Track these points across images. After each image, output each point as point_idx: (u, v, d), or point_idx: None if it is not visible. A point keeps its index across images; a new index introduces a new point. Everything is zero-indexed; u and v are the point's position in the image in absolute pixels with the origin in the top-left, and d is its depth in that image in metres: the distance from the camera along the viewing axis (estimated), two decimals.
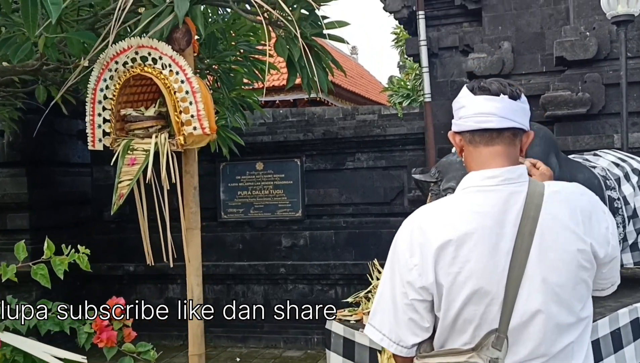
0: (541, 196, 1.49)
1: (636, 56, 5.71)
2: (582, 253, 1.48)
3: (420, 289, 1.49)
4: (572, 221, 1.49)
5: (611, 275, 1.63)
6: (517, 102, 1.53)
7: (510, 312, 1.44)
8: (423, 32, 6.00)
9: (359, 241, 7.37)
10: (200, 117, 2.82)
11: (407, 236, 1.54)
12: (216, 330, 7.60)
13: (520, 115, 1.53)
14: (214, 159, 7.59)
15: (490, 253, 1.45)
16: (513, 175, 1.51)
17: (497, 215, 1.47)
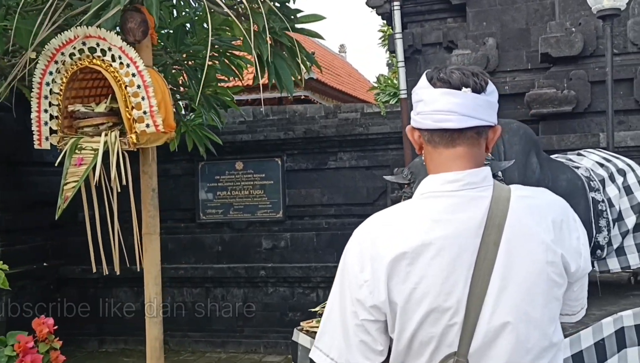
0: (507, 201, 1.31)
1: (622, 53, 5.55)
2: (552, 265, 1.29)
3: (372, 308, 1.31)
4: (541, 230, 1.30)
5: (582, 295, 1.47)
6: (482, 95, 1.33)
7: (471, 333, 1.26)
8: (398, 25, 5.81)
9: (342, 242, 7.05)
10: (154, 113, 2.62)
11: (357, 248, 1.37)
12: (194, 334, 7.41)
13: (484, 110, 1.33)
14: (192, 158, 7.38)
15: (450, 266, 1.27)
16: (476, 179, 1.34)
17: (457, 224, 1.29)
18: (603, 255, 3.26)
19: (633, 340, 2.88)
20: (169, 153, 6.12)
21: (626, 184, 3.36)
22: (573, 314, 1.50)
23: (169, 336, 7.32)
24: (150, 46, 2.99)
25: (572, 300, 1.44)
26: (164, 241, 7.36)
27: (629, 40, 5.56)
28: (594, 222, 3.19)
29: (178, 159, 7.42)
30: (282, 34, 3.92)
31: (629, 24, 5.52)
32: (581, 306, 1.50)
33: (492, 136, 1.38)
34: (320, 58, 13.97)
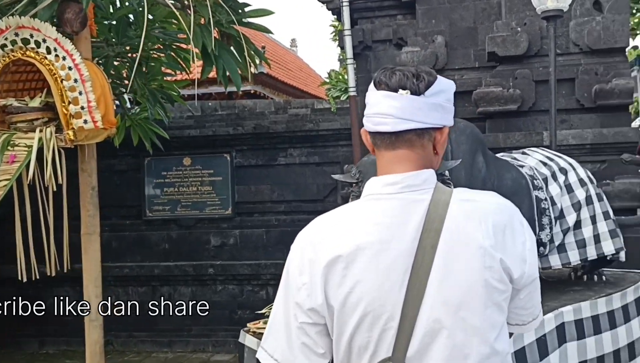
0: (446, 205, 1.29)
1: (565, 53, 5.69)
2: (490, 271, 1.26)
3: (309, 311, 1.30)
4: (480, 234, 1.27)
5: (531, 304, 1.41)
6: (421, 98, 1.31)
7: (408, 339, 1.25)
8: (347, 22, 5.79)
9: (292, 239, 6.98)
10: (92, 109, 2.51)
11: (298, 251, 1.37)
12: (140, 334, 7.24)
13: (423, 113, 1.31)
14: (138, 154, 7.19)
15: (386, 270, 1.26)
16: (415, 181, 1.32)
17: (395, 227, 1.28)
18: (545, 252, 3.32)
19: (572, 335, 2.94)
20: (113, 148, 5.94)
21: (567, 182, 3.43)
22: (523, 324, 1.45)
23: (114, 336, 7.12)
24: (89, 38, 2.88)
25: (520, 308, 1.40)
26: (108, 239, 7.16)
27: (571, 41, 5.70)
28: (537, 220, 3.24)
29: (123, 154, 7.21)
30: (228, 27, 3.84)
31: (571, 25, 5.66)
32: (532, 316, 1.44)
33: (439, 137, 1.36)
34: (271, 52, 13.87)
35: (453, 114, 1.40)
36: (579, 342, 2.94)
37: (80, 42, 2.70)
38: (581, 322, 2.94)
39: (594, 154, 5.45)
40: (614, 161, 5.28)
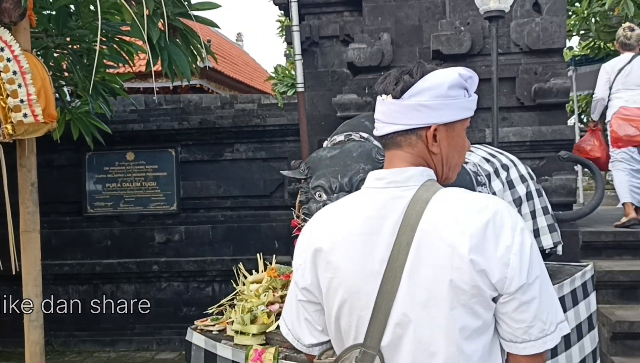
0: (425, 203, 1.31)
1: (506, 52, 5.85)
2: (457, 271, 1.24)
3: (303, 290, 1.44)
4: (454, 233, 1.26)
5: (523, 318, 1.27)
6: (399, 101, 1.37)
7: (382, 328, 1.30)
8: (296, 18, 5.76)
9: (238, 235, 7.09)
10: (32, 102, 2.42)
11: (301, 236, 1.50)
12: (81, 333, 7.05)
13: (403, 115, 1.37)
14: (79, 148, 6.98)
15: (362, 261, 1.33)
16: (398, 178, 1.37)
17: (374, 221, 1.35)
18: None
19: None
20: (52, 142, 5.74)
21: (509, 178, 3.54)
22: (515, 341, 1.30)
23: (53, 336, 6.91)
24: (28, 29, 2.77)
25: (509, 318, 1.29)
26: (47, 236, 6.92)
27: (512, 40, 5.86)
28: None
29: (63, 148, 6.97)
30: (174, 19, 3.78)
31: (512, 26, 5.82)
32: (528, 335, 1.28)
33: (429, 135, 1.38)
34: (216, 46, 13.70)
35: (449, 109, 1.37)
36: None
37: (19, 32, 2.60)
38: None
39: (534, 151, 5.64)
40: (552, 157, 5.48)
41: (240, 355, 2.57)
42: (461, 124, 1.43)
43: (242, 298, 2.86)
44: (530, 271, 1.26)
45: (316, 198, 2.71)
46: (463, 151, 1.48)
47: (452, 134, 1.41)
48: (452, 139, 1.41)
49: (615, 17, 8.79)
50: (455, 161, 1.45)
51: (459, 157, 1.46)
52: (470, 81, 1.42)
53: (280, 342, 2.61)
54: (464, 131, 1.46)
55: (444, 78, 1.37)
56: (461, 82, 1.40)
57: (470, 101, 1.43)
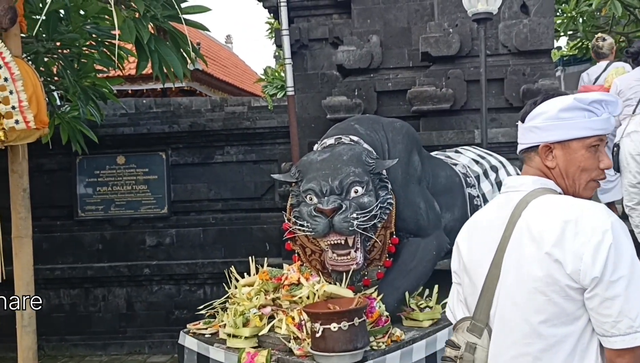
0: (526, 204, 1.56)
1: (494, 54, 5.90)
2: (537, 262, 1.48)
3: (454, 273, 1.80)
4: (540, 229, 1.49)
5: (608, 313, 1.41)
6: (522, 124, 1.68)
7: (489, 305, 1.59)
8: (285, 22, 5.79)
9: (229, 238, 7.10)
10: (23, 109, 2.43)
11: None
12: (73, 338, 7.04)
13: (524, 136, 1.68)
14: (69, 152, 6.94)
15: (481, 250, 1.65)
16: (514, 183, 1.69)
17: (493, 218, 1.65)
18: None
19: None
20: (43, 147, 5.72)
21: (498, 180, 3.59)
22: (605, 335, 1.44)
23: (45, 341, 6.88)
24: (19, 35, 2.77)
25: (595, 313, 1.44)
26: (38, 240, 6.87)
27: (500, 42, 5.91)
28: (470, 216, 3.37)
29: (53, 153, 6.96)
30: (164, 21, 3.79)
31: (500, 27, 5.87)
32: (617, 330, 1.41)
33: (542, 152, 1.63)
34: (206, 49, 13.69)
35: (559, 129, 1.59)
36: None
37: (9, 38, 2.60)
38: None
39: None
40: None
41: (232, 358, 2.59)
42: (580, 142, 1.59)
43: (234, 302, 2.88)
44: (612, 270, 1.40)
45: (307, 201, 2.73)
46: (585, 165, 1.61)
47: (568, 151, 1.60)
48: (569, 155, 1.60)
49: (602, 17, 8.88)
50: (575, 175, 1.61)
51: (580, 171, 1.61)
52: (597, 104, 1.59)
53: (273, 345, 2.63)
54: (585, 148, 1.59)
55: (557, 103, 1.60)
56: (577, 105, 1.58)
57: (593, 121, 1.58)
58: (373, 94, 6.14)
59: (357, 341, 2.35)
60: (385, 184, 2.83)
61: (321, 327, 2.32)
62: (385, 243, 2.93)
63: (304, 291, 2.77)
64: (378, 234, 2.87)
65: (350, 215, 2.62)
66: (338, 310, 2.34)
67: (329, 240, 2.70)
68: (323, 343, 2.33)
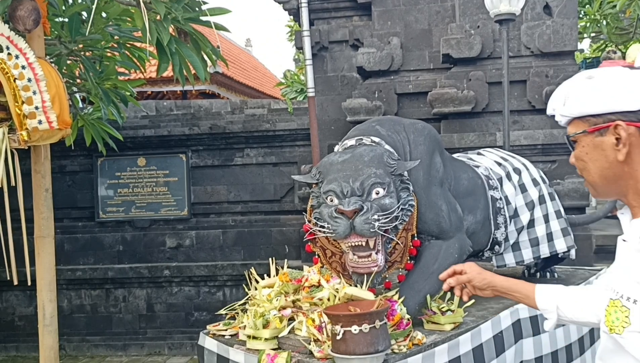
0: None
1: (517, 55, 5.84)
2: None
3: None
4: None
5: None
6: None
7: None
8: (306, 23, 5.79)
9: (248, 240, 7.11)
10: (46, 109, 2.44)
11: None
12: (93, 338, 7.09)
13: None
14: (90, 154, 7.04)
15: None
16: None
17: None
18: (501, 250, 3.41)
19: (528, 331, 3.02)
20: (65, 148, 5.80)
21: (521, 182, 3.53)
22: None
23: (66, 341, 6.95)
24: (42, 36, 2.80)
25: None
26: (60, 241, 6.98)
27: (523, 44, 5.85)
28: (492, 219, 3.32)
29: (75, 154, 7.05)
30: (185, 23, 3.80)
31: (523, 29, 5.81)
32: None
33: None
34: (226, 52, 13.75)
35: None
36: (535, 337, 3.02)
37: (33, 40, 2.63)
38: (536, 318, 3.02)
39: (545, 154, 5.62)
40: (564, 161, 5.46)
41: (252, 359, 2.57)
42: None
43: (254, 303, 2.86)
44: None
45: (328, 203, 2.70)
46: None
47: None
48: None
49: (626, 19, 8.74)
50: None
51: None
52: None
53: (293, 347, 2.61)
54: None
55: None
56: None
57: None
58: (393, 96, 6.11)
59: (379, 344, 2.31)
60: (406, 186, 2.79)
61: (342, 329, 2.29)
62: (406, 245, 2.89)
63: (324, 293, 2.74)
64: (399, 236, 2.84)
65: (372, 217, 2.59)
66: (359, 313, 2.31)
67: (349, 242, 2.67)
68: (344, 346, 2.30)
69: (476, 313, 3.06)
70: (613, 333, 1.29)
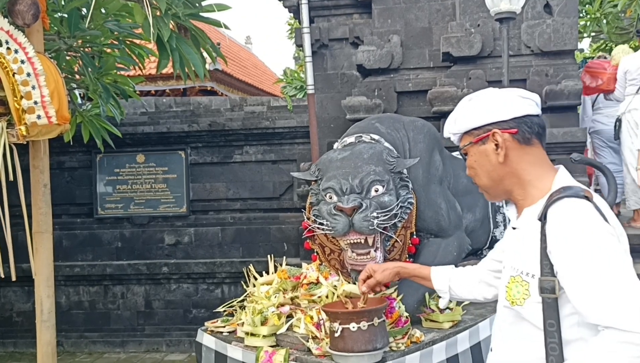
0: None
1: (517, 54, 5.82)
2: None
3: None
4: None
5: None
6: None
7: None
8: (306, 20, 5.78)
9: (247, 237, 7.10)
10: (45, 104, 2.43)
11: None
12: (91, 335, 7.09)
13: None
14: (89, 150, 7.03)
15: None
16: None
17: None
18: None
19: None
20: (63, 144, 5.78)
21: None
22: None
23: (64, 337, 6.95)
24: (41, 31, 2.78)
25: None
26: (58, 237, 6.97)
27: (523, 42, 5.84)
28: (492, 217, 3.32)
29: (74, 151, 7.04)
30: (185, 19, 3.79)
31: (523, 27, 5.80)
32: None
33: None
34: (226, 49, 13.73)
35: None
36: None
37: (32, 35, 2.61)
38: None
39: None
40: (564, 160, 5.45)
41: (250, 356, 2.57)
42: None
43: (252, 300, 2.86)
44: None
45: (327, 200, 2.70)
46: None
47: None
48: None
49: (626, 19, 8.74)
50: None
51: None
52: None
53: (291, 344, 2.60)
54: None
55: None
56: None
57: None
58: (393, 94, 6.10)
59: (377, 341, 2.31)
60: (406, 184, 2.79)
61: (340, 326, 2.29)
62: (405, 243, 2.89)
63: (322, 291, 2.74)
64: (398, 234, 2.84)
65: (371, 214, 2.59)
66: (357, 310, 2.31)
67: (348, 239, 2.67)
68: (342, 343, 2.30)
69: (474, 311, 3.07)
70: (515, 305, 1.50)
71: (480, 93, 1.64)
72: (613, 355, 1.30)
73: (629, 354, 1.28)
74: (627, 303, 1.31)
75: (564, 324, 1.43)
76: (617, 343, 1.30)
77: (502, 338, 1.59)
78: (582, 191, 1.45)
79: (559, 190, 1.47)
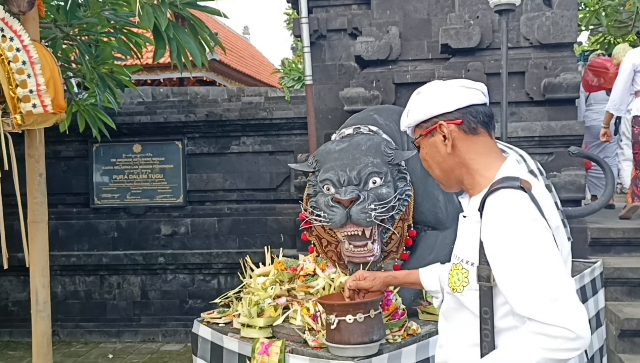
0: None
1: (516, 46, 5.80)
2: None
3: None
4: None
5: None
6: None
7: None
8: (305, 10, 5.73)
9: (244, 228, 7.09)
10: (41, 92, 2.41)
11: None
12: (87, 324, 7.08)
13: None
14: (86, 140, 7.01)
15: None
16: None
17: None
18: None
19: None
20: (60, 134, 5.75)
21: None
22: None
23: (60, 327, 6.95)
24: (37, 19, 2.75)
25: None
26: (55, 227, 6.95)
27: (522, 35, 5.81)
28: None
29: (70, 140, 7.00)
30: (183, 8, 3.76)
31: (522, 20, 5.77)
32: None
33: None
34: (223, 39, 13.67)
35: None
36: None
37: (27, 22, 2.59)
38: None
39: (542, 146, 5.60)
40: (561, 153, 5.45)
41: (246, 348, 2.56)
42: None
43: (248, 291, 2.86)
44: None
45: (324, 191, 2.69)
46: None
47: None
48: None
49: (625, 12, 8.72)
50: None
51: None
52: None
53: (287, 336, 2.60)
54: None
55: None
56: None
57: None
58: (391, 86, 6.07)
59: (373, 333, 2.31)
60: (404, 176, 2.78)
61: (336, 318, 2.29)
62: (402, 235, 2.89)
63: (319, 282, 2.73)
64: (395, 226, 2.83)
65: (368, 206, 2.58)
66: (354, 302, 2.30)
67: (345, 231, 2.66)
68: (338, 335, 2.30)
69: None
70: (455, 292, 1.55)
71: (427, 86, 1.67)
72: (527, 345, 1.35)
73: (540, 345, 1.32)
74: (545, 295, 1.34)
75: (498, 313, 1.46)
76: (533, 333, 1.34)
77: (446, 326, 1.67)
78: (519, 182, 1.46)
79: (498, 181, 1.50)
